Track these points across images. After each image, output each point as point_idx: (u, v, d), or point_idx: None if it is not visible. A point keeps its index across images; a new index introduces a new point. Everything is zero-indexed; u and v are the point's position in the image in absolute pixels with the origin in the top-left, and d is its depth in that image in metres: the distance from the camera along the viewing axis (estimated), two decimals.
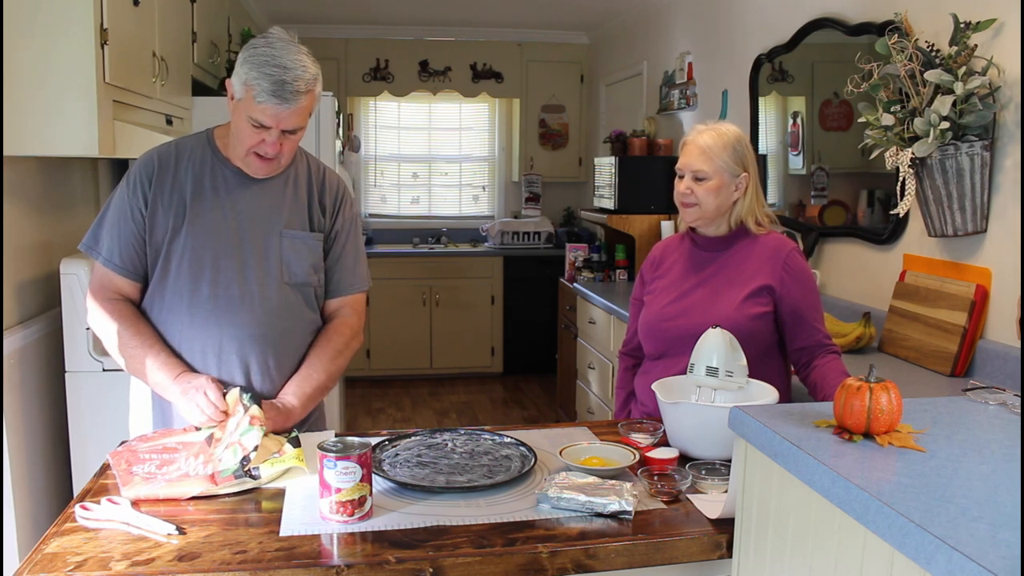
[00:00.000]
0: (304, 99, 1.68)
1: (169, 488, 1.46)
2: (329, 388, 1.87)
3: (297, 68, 1.66)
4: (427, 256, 6.05)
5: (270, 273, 1.80)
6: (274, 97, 1.64)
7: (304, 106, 1.70)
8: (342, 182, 1.96)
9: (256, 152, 1.74)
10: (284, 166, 1.82)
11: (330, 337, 1.87)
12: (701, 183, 1.91)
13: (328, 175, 1.93)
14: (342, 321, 1.90)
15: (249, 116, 1.69)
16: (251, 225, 1.80)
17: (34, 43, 2.15)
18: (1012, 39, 2.15)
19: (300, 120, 1.71)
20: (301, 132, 1.75)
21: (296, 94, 1.66)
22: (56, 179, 2.69)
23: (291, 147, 1.77)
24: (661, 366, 1.95)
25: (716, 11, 4.07)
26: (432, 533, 1.34)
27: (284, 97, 1.65)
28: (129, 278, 1.81)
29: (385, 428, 3.64)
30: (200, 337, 1.78)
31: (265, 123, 1.68)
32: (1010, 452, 1.14)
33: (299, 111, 1.69)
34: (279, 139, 1.72)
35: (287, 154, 1.77)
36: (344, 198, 1.93)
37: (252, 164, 1.77)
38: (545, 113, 6.46)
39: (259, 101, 1.65)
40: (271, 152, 1.73)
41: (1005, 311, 2.20)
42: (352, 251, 1.92)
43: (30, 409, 2.41)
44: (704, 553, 1.35)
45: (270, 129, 1.69)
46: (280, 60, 1.65)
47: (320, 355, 1.84)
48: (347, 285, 1.91)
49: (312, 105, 1.73)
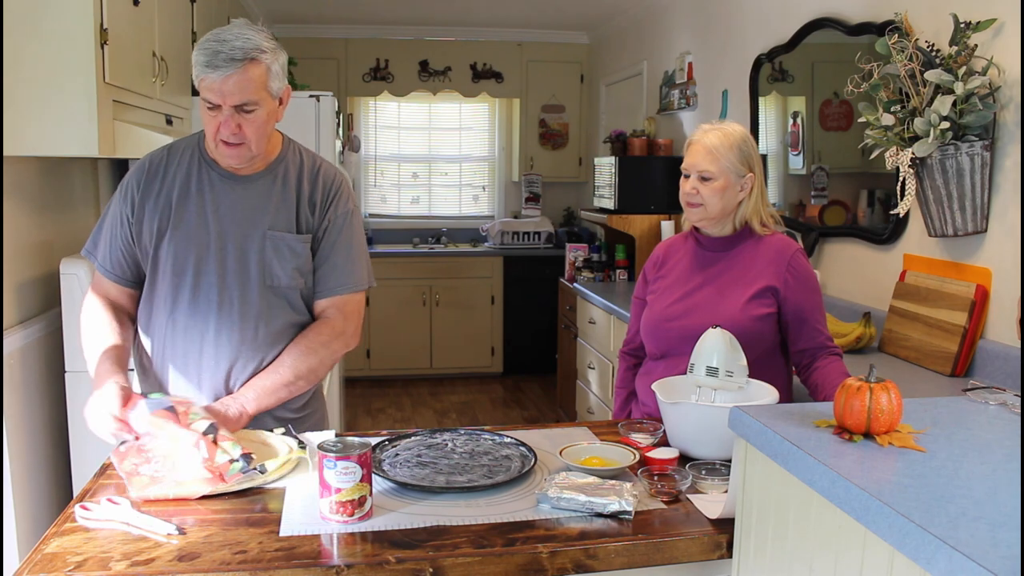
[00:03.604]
0: (244, 67, 1.61)
1: (178, 488, 1.46)
2: (297, 386, 1.77)
3: (236, 40, 1.61)
4: (427, 256, 6.05)
5: (251, 276, 1.76)
6: (208, 67, 1.60)
7: (249, 77, 1.62)
8: (339, 176, 1.87)
9: (220, 138, 1.68)
10: (259, 153, 1.74)
11: (305, 335, 1.79)
12: (707, 183, 1.91)
13: (323, 170, 1.85)
14: (323, 321, 1.82)
15: (203, 99, 1.66)
16: (233, 227, 1.75)
17: (34, 43, 2.15)
18: (1012, 39, 2.15)
19: (247, 94, 1.63)
20: (260, 111, 1.67)
21: (231, 61, 1.60)
22: (56, 179, 2.69)
23: (255, 130, 1.68)
24: (663, 366, 1.95)
25: (716, 11, 4.07)
26: (432, 533, 1.34)
27: (217, 65, 1.59)
28: (119, 283, 1.80)
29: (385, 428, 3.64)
30: (181, 342, 1.77)
31: (212, 100, 1.63)
32: (1010, 452, 1.14)
33: (240, 82, 1.62)
34: (233, 118, 1.64)
35: (253, 138, 1.69)
36: (338, 194, 1.84)
37: (221, 153, 1.71)
38: (545, 113, 6.46)
39: (198, 76, 1.62)
40: (228, 134, 1.66)
41: (1005, 311, 2.20)
42: (343, 249, 1.82)
43: (30, 409, 2.41)
44: (704, 553, 1.35)
45: (221, 108, 1.64)
46: (221, 35, 1.62)
47: (289, 350, 1.77)
48: (333, 285, 1.81)
49: (264, 80, 1.65)
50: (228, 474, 1.48)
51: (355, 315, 1.85)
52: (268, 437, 1.70)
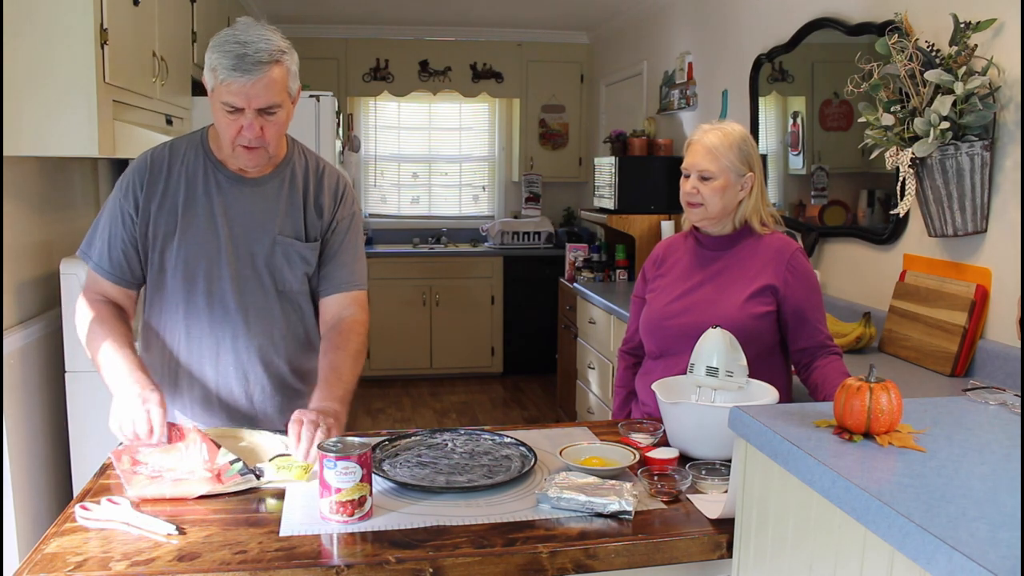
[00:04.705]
0: (270, 70, 1.60)
1: (175, 487, 1.46)
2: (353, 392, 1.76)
3: (259, 41, 1.59)
4: (427, 256, 6.05)
5: (264, 282, 1.76)
6: (235, 71, 1.57)
7: (274, 79, 1.61)
8: (343, 178, 1.89)
9: (239, 143, 1.66)
10: (274, 155, 1.73)
11: (348, 338, 1.77)
12: (707, 183, 1.91)
13: (327, 173, 1.85)
14: (354, 320, 1.81)
15: (221, 102, 1.62)
16: (243, 232, 1.75)
17: (34, 43, 2.16)
18: (1012, 39, 2.15)
19: (272, 96, 1.62)
20: (281, 113, 1.66)
21: (259, 64, 1.58)
22: (56, 179, 2.69)
23: (275, 132, 1.68)
24: (663, 365, 1.95)
25: (716, 11, 4.07)
26: (432, 533, 1.34)
27: (245, 69, 1.57)
28: (117, 283, 1.77)
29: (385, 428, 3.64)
30: (197, 349, 1.76)
31: (236, 104, 1.61)
32: (1010, 452, 1.14)
33: (268, 85, 1.60)
34: (256, 121, 1.63)
35: (272, 141, 1.68)
36: (344, 195, 1.85)
37: (240, 157, 1.69)
38: (545, 113, 6.46)
39: (223, 80, 1.59)
40: (252, 138, 1.64)
41: (1005, 311, 2.20)
42: (351, 248, 1.85)
43: (30, 409, 2.41)
44: (704, 553, 1.35)
45: (244, 111, 1.62)
46: (240, 37, 1.59)
47: (344, 358, 1.74)
48: (347, 281, 1.83)
49: (285, 81, 1.65)
50: (226, 475, 1.48)
51: (368, 310, 1.88)
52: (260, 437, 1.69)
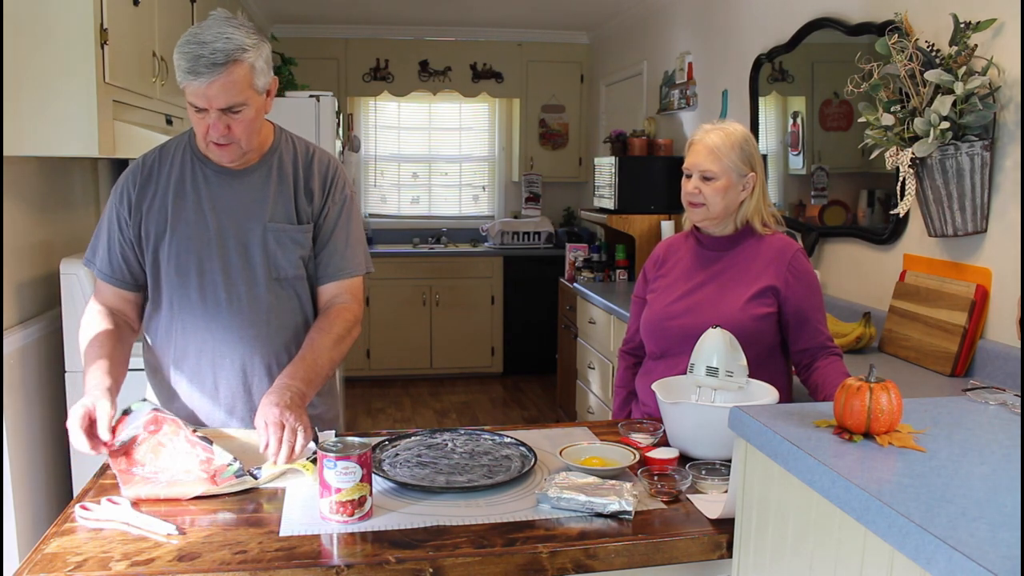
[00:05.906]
0: (227, 71, 1.56)
1: (170, 488, 1.46)
2: (329, 376, 1.75)
3: (217, 41, 1.55)
4: (427, 256, 6.05)
5: (256, 271, 1.75)
6: (190, 74, 1.55)
7: (233, 79, 1.57)
8: (333, 162, 1.85)
9: (210, 140, 1.65)
10: (250, 150, 1.71)
11: (332, 322, 1.75)
12: (709, 183, 1.91)
13: (317, 157, 1.82)
14: (343, 307, 1.79)
15: (188, 102, 1.62)
16: (232, 223, 1.74)
17: (34, 43, 2.16)
18: (1012, 39, 2.15)
19: (232, 96, 1.58)
20: (247, 111, 1.63)
21: (213, 66, 1.54)
22: (56, 179, 2.69)
23: (243, 129, 1.64)
24: (663, 366, 1.95)
25: (716, 11, 4.07)
26: (432, 533, 1.34)
27: (198, 72, 1.54)
28: (119, 287, 1.77)
29: (385, 428, 3.64)
30: (194, 343, 1.76)
31: (198, 104, 1.59)
32: (1010, 452, 1.14)
33: (225, 86, 1.56)
34: (221, 120, 1.60)
35: (243, 137, 1.65)
36: (335, 179, 1.82)
37: (213, 153, 1.68)
38: (545, 113, 6.46)
39: (180, 81, 1.58)
40: (217, 136, 1.62)
41: (1005, 311, 2.20)
42: (343, 233, 1.81)
43: (30, 409, 2.41)
44: (704, 553, 1.35)
45: (208, 111, 1.60)
46: (200, 36, 1.56)
47: (322, 340, 1.71)
48: (338, 269, 1.81)
49: (248, 79, 1.60)
50: (222, 476, 1.48)
51: (361, 299, 1.86)
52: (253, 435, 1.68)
